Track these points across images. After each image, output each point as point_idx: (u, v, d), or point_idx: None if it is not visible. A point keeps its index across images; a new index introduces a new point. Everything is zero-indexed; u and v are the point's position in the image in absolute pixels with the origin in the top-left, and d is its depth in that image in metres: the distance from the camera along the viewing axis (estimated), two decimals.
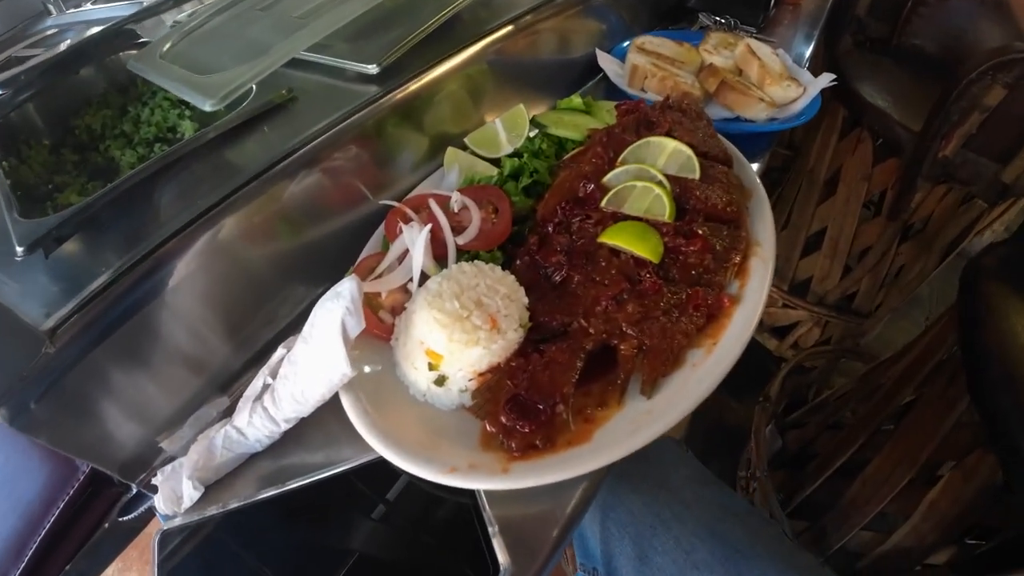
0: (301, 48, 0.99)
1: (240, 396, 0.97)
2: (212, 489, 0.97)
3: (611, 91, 1.51)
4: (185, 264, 0.95)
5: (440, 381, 0.84)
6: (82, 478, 0.99)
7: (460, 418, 0.86)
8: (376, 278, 0.94)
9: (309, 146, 0.97)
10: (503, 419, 0.79)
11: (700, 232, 0.94)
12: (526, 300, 0.86)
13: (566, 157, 1.07)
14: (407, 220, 0.99)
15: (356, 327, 0.79)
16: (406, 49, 1.06)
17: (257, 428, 0.90)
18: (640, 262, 0.90)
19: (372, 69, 1.04)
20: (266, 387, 0.90)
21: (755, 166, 1.40)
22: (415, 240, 0.92)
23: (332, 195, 1.05)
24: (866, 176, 1.99)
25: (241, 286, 1.02)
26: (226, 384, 1.04)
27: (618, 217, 0.95)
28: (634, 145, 1.01)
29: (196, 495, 0.92)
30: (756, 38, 1.60)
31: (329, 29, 1.01)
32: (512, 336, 0.82)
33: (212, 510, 0.95)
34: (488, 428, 0.80)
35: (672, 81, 1.39)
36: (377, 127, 1.04)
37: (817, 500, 1.94)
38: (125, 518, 1.01)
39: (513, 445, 0.78)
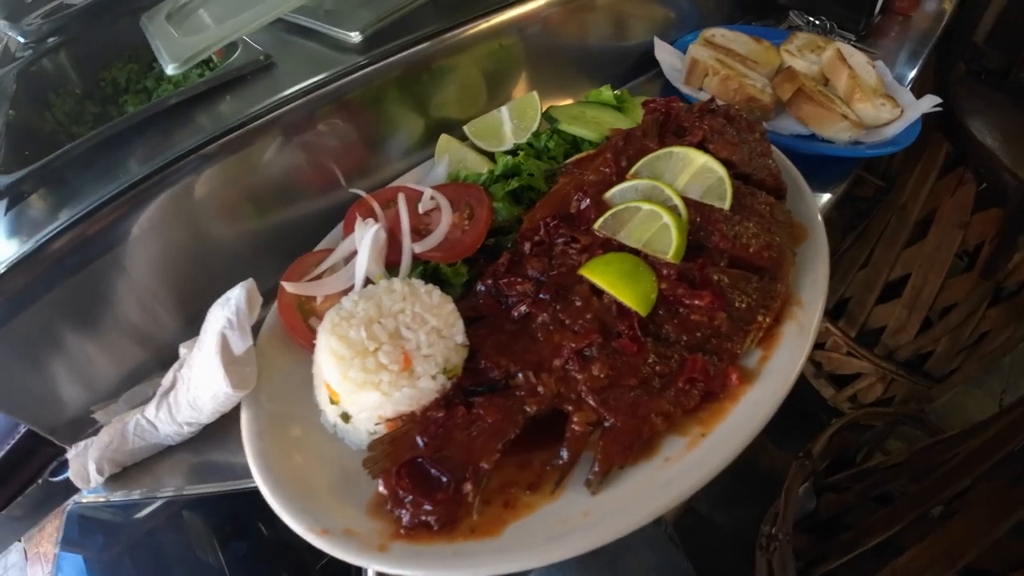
0: (281, 11, 0.78)
1: None
2: (132, 471, 0.83)
3: (669, 90, 1.19)
4: (137, 225, 0.80)
5: (345, 417, 0.62)
6: (24, 430, 0.89)
7: None
8: (315, 278, 0.73)
9: (269, 116, 0.77)
10: (395, 484, 0.56)
11: (715, 280, 0.64)
12: (462, 339, 0.61)
13: (569, 161, 0.80)
14: (368, 214, 0.77)
15: (240, 344, 0.58)
16: (395, 18, 0.82)
17: (164, 424, 0.74)
18: (625, 310, 0.62)
19: (354, 37, 0.81)
20: (175, 383, 0.73)
21: (825, 198, 1.06)
22: (362, 240, 0.70)
23: (302, 173, 0.85)
24: (963, 224, 1.55)
25: (195, 258, 0.86)
26: (169, 361, 0.88)
27: (610, 246, 0.68)
28: (652, 155, 0.72)
29: (100, 479, 0.78)
30: (854, 46, 1.21)
31: None
32: (426, 385, 0.58)
33: (118, 494, 0.80)
34: (380, 489, 0.58)
35: (737, 82, 1.05)
36: (357, 102, 0.82)
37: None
38: (56, 479, 0.89)
39: (403, 518, 0.55)
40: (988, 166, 1.44)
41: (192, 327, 0.89)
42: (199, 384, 0.65)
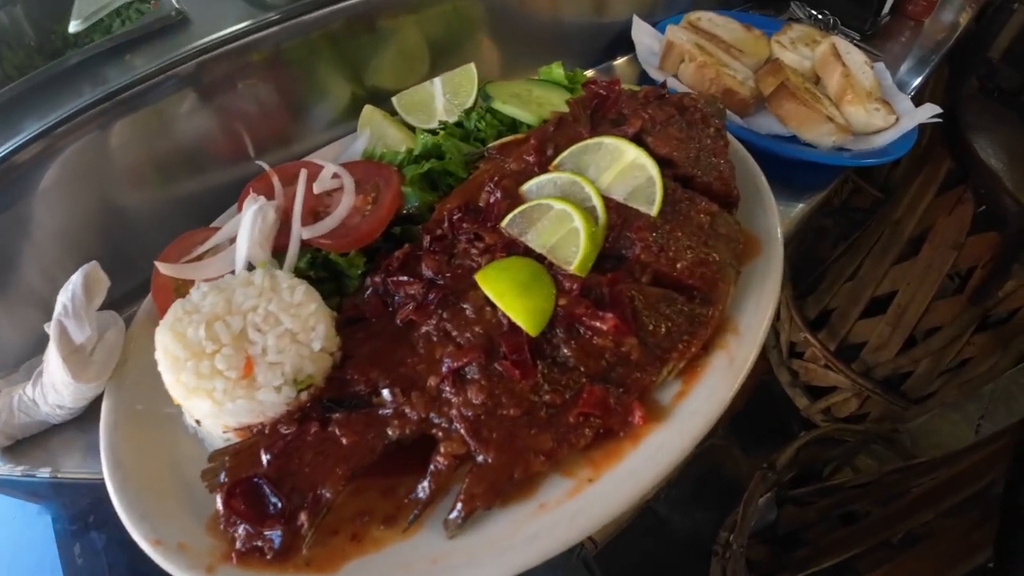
0: None
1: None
2: (26, 445, 0.75)
3: (645, 76, 1.04)
4: (38, 182, 0.70)
5: (199, 421, 0.52)
6: None
7: None
8: (195, 259, 0.62)
9: (166, 73, 0.66)
10: (227, 504, 0.46)
11: (629, 299, 0.52)
12: (320, 345, 0.50)
13: (493, 145, 0.67)
14: (265, 191, 0.66)
15: (78, 333, 0.49)
16: None
17: (40, 403, 0.65)
18: (517, 327, 0.51)
19: None
20: None
21: (797, 208, 0.91)
22: (243, 219, 0.59)
23: (212, 138, 0.73)
24: (957, 245, 1.40)
25: (99, 225, 0.75)
26: None
27: (516, 248, 0.55)
28: (580, 145, 0.60)
29: None
30: (855, 44, 1.04)
31: None
32: (267, 397, 0.47)
33: (5, 468, 0.73)
34: (216, 506, 0.48)
35: (715, 71, 0.91)
36: (271, 62, 0.70)
37: None
38: None
39: (237, 541, 0.46)
40: (989, 187, 1.28)
41: None
42: (53, 370, 0.55)
